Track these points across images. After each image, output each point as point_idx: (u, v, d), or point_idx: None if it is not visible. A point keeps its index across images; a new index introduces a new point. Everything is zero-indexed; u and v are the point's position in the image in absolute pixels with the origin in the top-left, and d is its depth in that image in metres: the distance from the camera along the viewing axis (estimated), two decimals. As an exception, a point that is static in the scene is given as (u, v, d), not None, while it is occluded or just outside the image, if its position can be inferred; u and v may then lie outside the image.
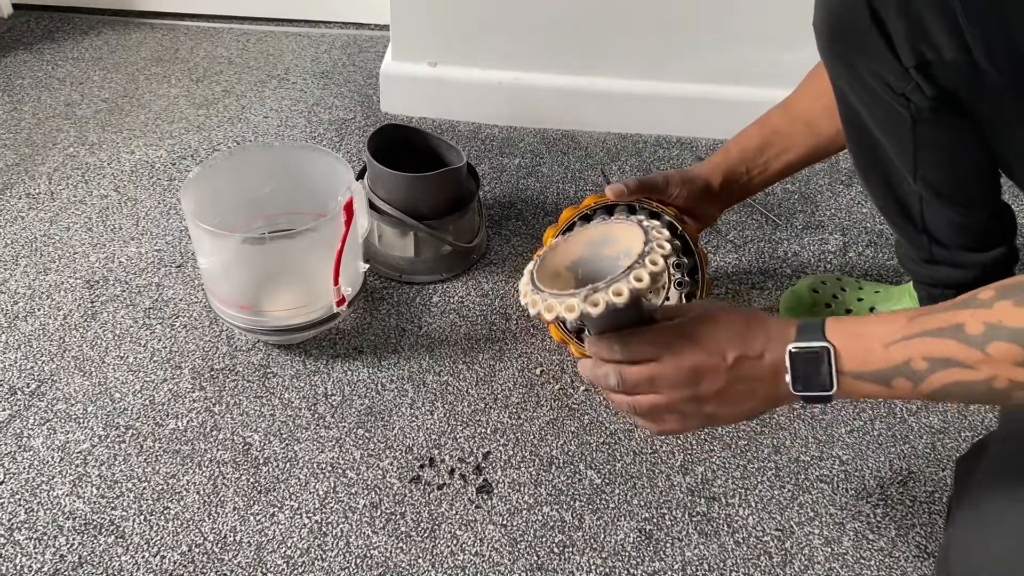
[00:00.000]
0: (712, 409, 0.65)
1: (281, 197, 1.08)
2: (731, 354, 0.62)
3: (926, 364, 0.56)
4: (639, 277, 0.59)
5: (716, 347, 0.62)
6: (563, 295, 0.61)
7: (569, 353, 1.05)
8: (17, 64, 1.56)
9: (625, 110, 1.43)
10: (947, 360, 0.55)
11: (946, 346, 0.55)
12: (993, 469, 0.63)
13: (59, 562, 0.83)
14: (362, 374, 1.03)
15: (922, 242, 0.93)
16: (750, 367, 0.62)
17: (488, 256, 1.20)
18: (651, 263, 0.60)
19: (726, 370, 0.62)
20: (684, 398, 0.64)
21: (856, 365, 0.60)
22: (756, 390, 0.64)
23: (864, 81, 0.79)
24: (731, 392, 0.63)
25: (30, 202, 1.26)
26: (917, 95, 0.76)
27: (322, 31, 1.70)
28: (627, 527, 0.88)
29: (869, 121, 0.84)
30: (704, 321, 0.64)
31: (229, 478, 0.91)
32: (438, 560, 0.85)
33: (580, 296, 0.60)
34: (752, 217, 1.28)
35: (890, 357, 0.58)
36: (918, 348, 0.56)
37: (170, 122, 1.43)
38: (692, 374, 0.63)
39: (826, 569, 0.85)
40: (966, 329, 0.54)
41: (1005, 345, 0.53)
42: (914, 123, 0.80)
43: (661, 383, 0.64)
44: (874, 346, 0.59)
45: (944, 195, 0.87)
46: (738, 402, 0.64)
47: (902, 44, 0.73)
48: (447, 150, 1.16)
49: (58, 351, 1.04)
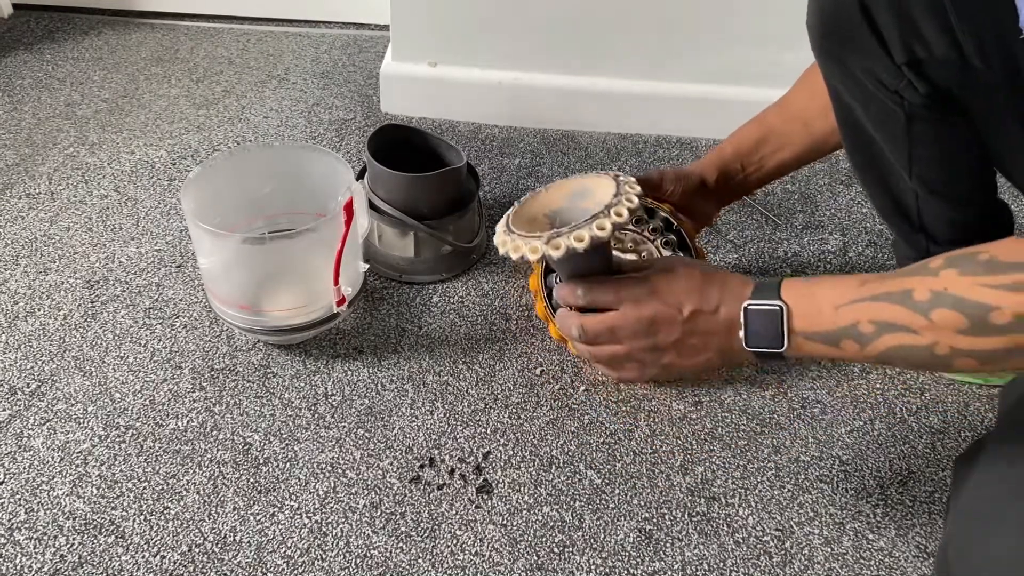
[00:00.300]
0: (669, 360, 0.68)
1: (281, 197, 1.08)
2: (687, 307, 0.65)
3: (873, 327, 0.58)
4: (601, 226, 0.63)
5: (673, 299, 0.65)
6: (529, 237, 0.65)
7: (569, 353, 1.05)
8: (17, 64, 1.56)
9: (625, 110, 1.43)
10: (892, 324, 0.57)
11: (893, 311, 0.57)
12: (991, 468, 0.63)
13: (59, 562, 0.83)
14: (362, 374, 1.03)
15: (919, 241, 0.93)
16: (705, 320, 0.65)
17: (488, 256, 1.20)
18: (615, 214, 0.64)
19: (682, 322, 0.65)
20: (642, 348, 0.67)
21: (807, 325, 0.62)
22: (710, 343, 0.67)
23: (857, 79, 0.80)
24: (686, 343, 0.66)
25: (30, 202, 1.26)
26: (910, 92, 0.77)
27: (322, 31, 1.70)
28: (627, 527, 0.88)
29: (863, 119, 0.85)
30: (664, 274, 0.67)
31: (229, 478, 0.91)
32: (438, 560, 0.85)
33: (543, 239, 0.64)
34: (752, 217, 1.28)
35: (839, 319, 0.60)
36: (866, 311, 0.58)
37: (170, 122, 1.43)
38: (649, 324, 0.66)
39: (826, 569, 0.85)
40: (914, 295, 0.56)
41: (948, 312, 0.54)
42: (908, 120, 0.80)
43: (621, 333, 0.67)
44: (825, 307, 0.61)
45: (939, 192, 0.87)
46: (693, 354, 0.67)
47: (893, 41, 0.73)
48: (447, 150, 1.16)
49: (58, 351, 1.04)
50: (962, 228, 0.90)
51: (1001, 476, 0.62)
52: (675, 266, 0.68)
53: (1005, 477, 0.61)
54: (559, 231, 0.64)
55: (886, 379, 1.04)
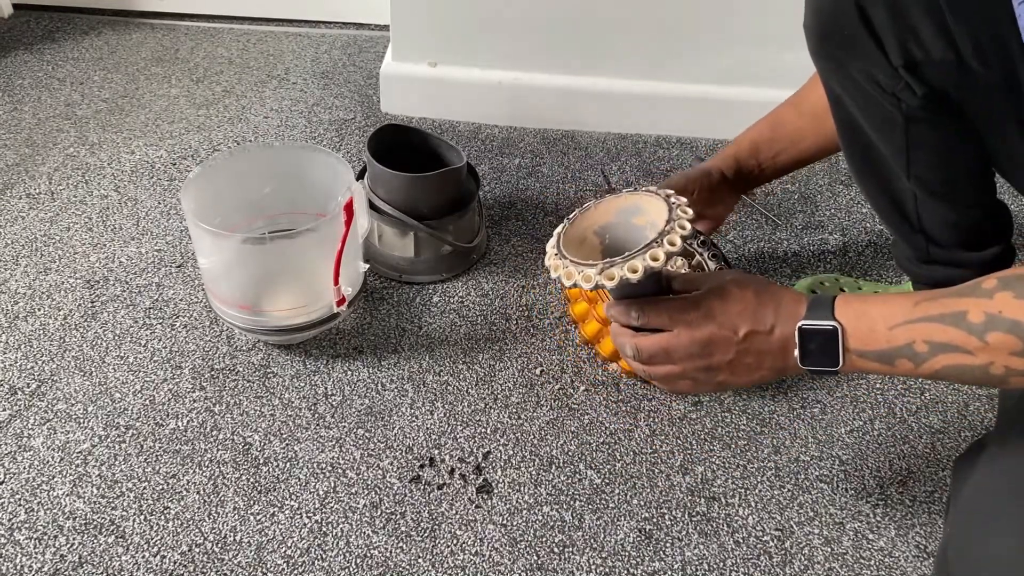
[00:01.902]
0: (723, 378, 0.68)
1: (281, 197, 1.08)
2: (743, 328, 0.65)
3: (927, 347, 0.59)
4: (655, 256, 0.63)
5: (728, 321, 0.65)
6: (583, 264, 0.65)
7: (571, 350, 1.05)
8: (17, 64, 1.56)
9: (625, 110, 1.43)
10: (947, 345, 0.58)
11: (947, 332, 0.57)
12: (991, 468, 0.63)
13: (59, 562, 0.83)
14: (362, 374, 1.03)
15: (918, 242, 0.93)
16: (760, 341, 0.66)
17: (488, 256, 1.20)
18: (668, 243, 0.63)
19: (737, 343, 0.65)
20: (696, 367, 0.67)
21: (861, 344, 0.62)
22: (764, 362, 0.67)
23: (855, 81, 0.80)
24: (741, 363, 0.67)
25: (30, 202, 1.26)
26: (907, 94, 0.77)
27: (322, 31, 1.70)
28: (627, 527, 0.88)
29: (862, 121, 0.85)
30: (717, 295, 0.67)
31: (229, 478, 0.91)
32: (438, 560, 0.85)
33: (597, 268, 0.64)
34: (752, 217, 1.28)
35: (894, 338, 0.60)
36: (920, 332, 0.59)
37: (170, 122, 1.43)
38: (705, 346, 0.66)
39: (826, 569, 0.85)
40: (968, 317, 0.56)
41: (1004, 335, 0.55)
42: (906, 122, 0.80)
43: (675, 354, 0.67)
44: (879, 327, 0.61)
45: (938, 193, 0.87)
46: (748, 372, 0.68)
47: (890, 43, 0.73)
48: (447, 150, 1.16)
49: (58, 351, 1.04)
50: (961, 229, 0.90)
51: (1001, 476, 0.62)
52: (728, 286, 0.67)
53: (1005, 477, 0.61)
54: (612, 261, 0.64)
55: (886, 379, 1.04)
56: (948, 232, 0.91)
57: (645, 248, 0.63)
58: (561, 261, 0.67)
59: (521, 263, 1.19)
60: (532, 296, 1.14)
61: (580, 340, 1.03)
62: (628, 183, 1.33)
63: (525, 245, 1.22)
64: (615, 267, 0.63)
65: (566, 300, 1.08)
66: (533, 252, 1.21)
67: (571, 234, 0.70)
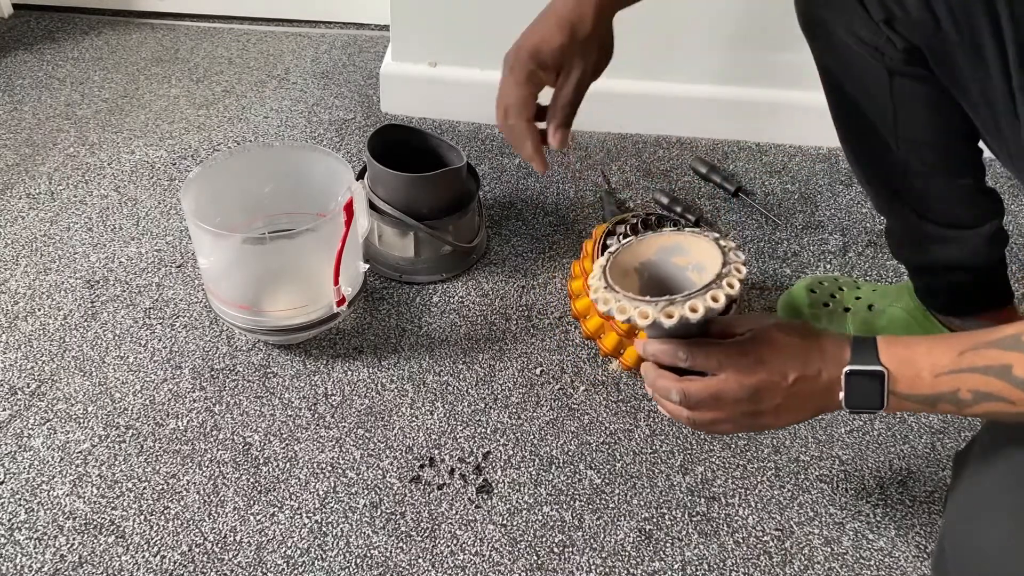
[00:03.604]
0: (767, 421, 0.68)
1: (281, 197, 1.08)
2: (792, 374, 0.65)
3: (971, 395, 0.60)
4: (716, 298, 0.62)
5: (778, 368, 0.66)
6: (638, 300, 0.64)
7: (571, 350, 1.05)
8: (17, 64, 1.56)
9: (625, 110, 1.43)
10: (991, 395, 0.59)
11: (992, 383, 0.59)
12: (983, 462, 0.65)
13: (59, 562, 0.83)
14: (362, 374, 1.03)
15: (911, 220, 0.94)
16: (807, 385, 0.66)
17: (488, 256, 1.20)
18: (728, 285, 0.63)
19: (785, 388, 0.66)
20: (743, 412, 0.67)
21: (906, 388, 0.63)
22: (808, 404, 0.67)
23: (841, 42, 0.82)
24: (787, 406, 0.67)
25: (30, 202, 1.26)
26: (890, 48, 0.79)
27: (322, 31, 1.70)
28: (627, 527, 0.88)
29: (849, 86, 0.86)
30: (766, 341, 0.67)
31: (229, 478, 0.91)
32: (438, 560, 0.85)
33: (657, 307, 0.63)
34: (752, 217, 1.28)
35: (938, 385, 0.62)
36: (966, 382, 0.60)
37: (170, 122, 1.43)
38: (755, 392, 0.66)
39: (826, 569, 0.85)
40: (1014, 371, 0.58)
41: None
42: (890, 77, 0.82)
43: (724, 399, 0.67)
44: (924, 373, 0.62)
45: (928, 161, 0.88)
46: (791, 414, 0.68)
47: (871, 2, 0.75)
48: (447, 150, 1.16)
49: (58, 351, 1.04)
50: (953, 203, 0.91)
51: (992, 469, 0.63)
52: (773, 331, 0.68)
53: (996, 469, 0.63)
54: (672, 299, 0.63)
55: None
56: (940, 205, 0.91)
57: (705, 289, 0.63)
58: (613, 295, 0.66)
59: (521, 263, 1.19)
60: (532, 296, 1.14)
61: (584, 334, 1.03)
62: (628, 183, 1.33)
63: (525, 245, 1.22)
64: (675, 305, 0.63)
65: (569, 297, 1.09)
66: (533, 252, 1.21)
67: (615, 267, 0.69)
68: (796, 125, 1.39)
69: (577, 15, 0.75)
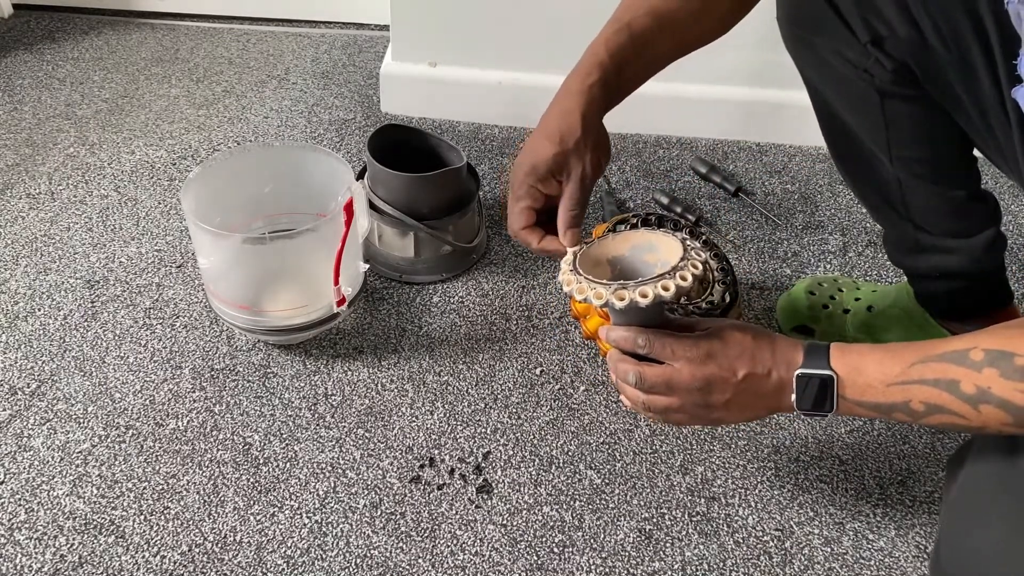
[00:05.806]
0: (718, 415, 0.71)
1: (281, 197, 1.08)
2: (741, 371, 0.68)
3: (923, 407, 0.62)
4: (666, 287, 0.66)
5: (728, 363, 0.68)
6: (596, 282, 0.69)
7: (571, 350, 1.05)
8: (17, 64, 1.56)
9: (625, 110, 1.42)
10: (943, 408, 0.61)
11: (942, 396, 0.60)
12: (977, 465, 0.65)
13: (59, 562, 0.83)
14: (362, 374, 1.03)
15: (907, 230, 0.94)
16: (757, 383, 0.69)
17: (488, 256, 1.20)
18: (680, 278, 0.67)
19: (735, 383, 0.68)
20: (694, 403, 0.70)
21: (856, 395, 0.66)
22: (759, 403, 0.70)
23: (828, 63, 0.82)
24: (737, 402, 0.70)
25: (30, 202, 1.26)
26: (878, 69, 0.79)
27: (322, 31, 1.70)
28: (627, 527, 0.88)
29: (839, 106, 0.87)
30: (718, 337, 0.70)
31: (229, 478, 0.91)
32: (438, 560, 0.85)
33: (611, 289, 0.67)
34: (752, 217, 1.28)
35: (890, 394, 0.63)
36: (916, 393, 0.62)
37: (170, 122, 1.43)
38: (705, 383, 0.69)
39: (826, 569, 0.85)
40: (961, 387, 0.59)
41: (994, 409, 0.58)
42: (881, 97, 0.82)
43: (677, 387, 0.70)
44: (875, 383, 0.64)
45: (921, 175, 0.88)
46: (742, 411, 0.71)
47: (856, 23, 0.76)
48: (447, 150, 1.16)
49: (58, 351, 1.04)
50: (948, 214, 0.91)
51: (986, 472, 0.64)
52: (728, 329, 0.70)
53: (989, 473, 0.63)
54: (625, 284, 0.67)
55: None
56: (935, 217, 0.91)
57: (658, 278, 0.67)
58: (575, 276, 0.71)
59: (521, 263, 1.19)
60: (532, 296, 1.14)
61: (584, 334, 1.03)
62: (628, 183, 1.33)
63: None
64: (627, 289, 0.67)
65: (569, 298, 1.09)
66: (533, 252, 1.20)
67: (587, 257, 0.74)
68: (796, 125, 1.39)
69: (566, 125, 0.79)
